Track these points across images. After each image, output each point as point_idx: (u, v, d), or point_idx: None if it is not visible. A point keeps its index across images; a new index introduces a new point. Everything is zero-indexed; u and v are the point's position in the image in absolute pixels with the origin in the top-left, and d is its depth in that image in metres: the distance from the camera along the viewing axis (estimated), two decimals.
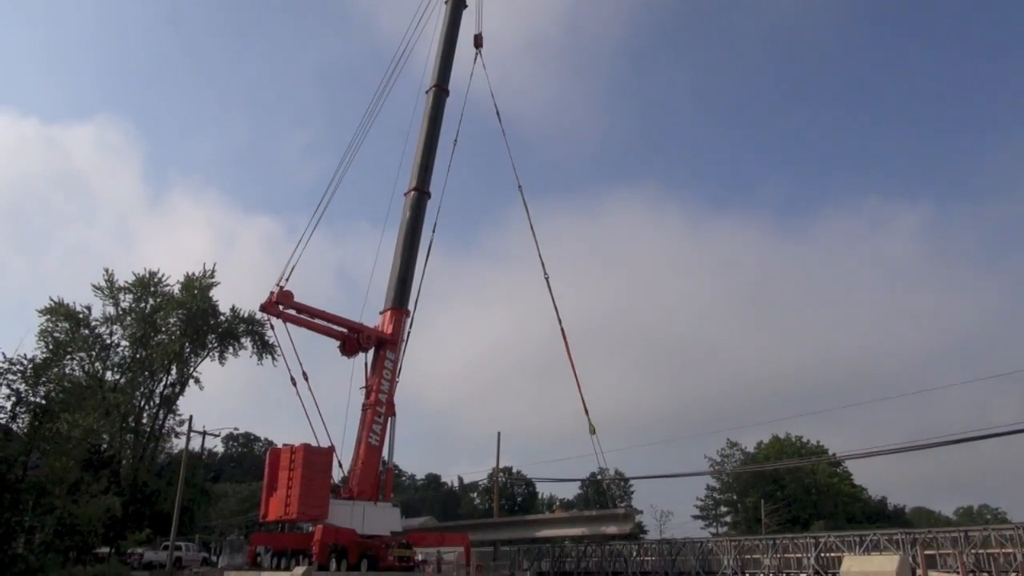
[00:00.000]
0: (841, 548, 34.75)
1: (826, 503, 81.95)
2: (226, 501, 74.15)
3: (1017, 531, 30.83)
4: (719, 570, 40.81)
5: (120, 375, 52.52)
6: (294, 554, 42.81)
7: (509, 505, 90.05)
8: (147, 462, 52.18)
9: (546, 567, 50.39)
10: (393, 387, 48.18)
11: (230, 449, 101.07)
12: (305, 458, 42.32)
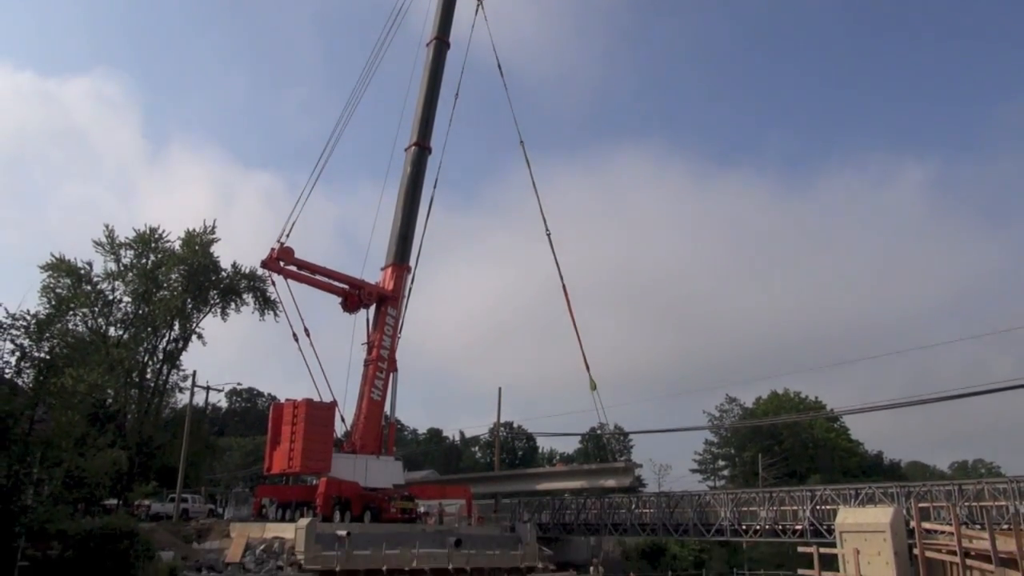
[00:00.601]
0: (837, 501, 35.30)
1: (823, 457, 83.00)
2: (231, 455, 75.14)
3: (1011, 484, 31.28)
4: (716, 522, 41.50)
5: (123, 331, 52.72)
6: (298, 506, 43.58)
7: (510, 459, 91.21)
8: (152, 417, 52.69)
9: (546, 519, 51.28)
10: (395, 343, 48.49)
11: (233, 404, 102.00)
12: (307, 413, 42.87)
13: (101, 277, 52.12)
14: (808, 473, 74.85)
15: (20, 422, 27.02)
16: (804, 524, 36.63)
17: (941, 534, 20.54)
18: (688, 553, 55.21)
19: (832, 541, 23.86)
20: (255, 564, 36.36)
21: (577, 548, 51.90)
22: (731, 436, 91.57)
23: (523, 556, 42.56)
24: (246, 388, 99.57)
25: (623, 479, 50.00)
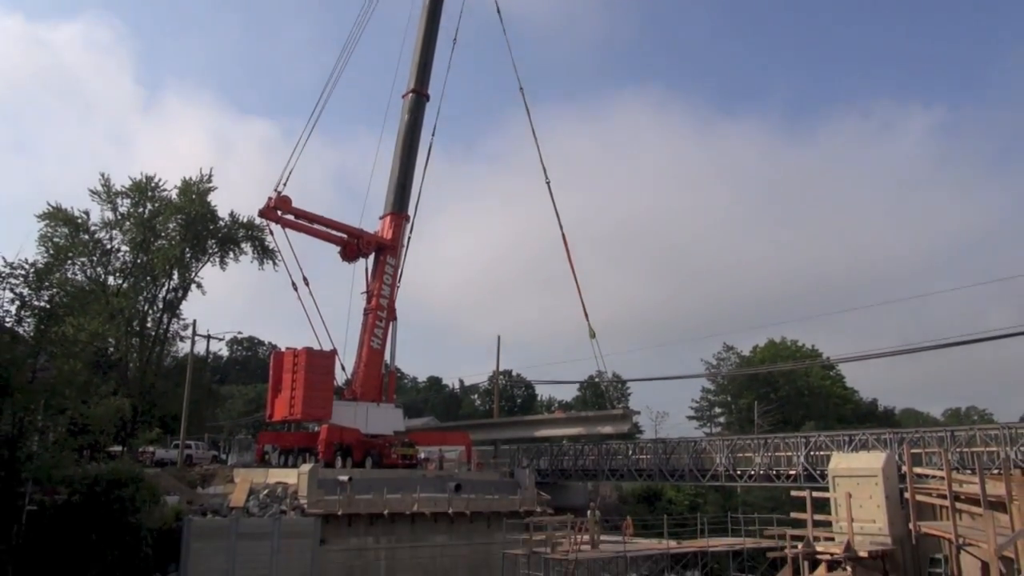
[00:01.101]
0: (830, 447, 35.82)
1: (818, 405, 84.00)
2: (233, 402, 75.95)
3: (1002, 431, 31.73)
4: (711, 468, 42.17)
5: (122, 280, 52.76)
6: (300, 452, 44.23)
7: (509, 407, 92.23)
8: (153, 365, 53.09)
9: (545, 465, 52.09)
10: (394, 292, 48.63)
11: (235, 353, 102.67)
12: (308, 361, 43.25)
13: (98, 226, 51.95)
14: (803, 420, 75.80)
15: (22, 370, 27.23)
16: (798, 469, 37.23)
17: (932, 478, 20.92)
18: (684, 498, 56.29)
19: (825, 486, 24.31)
20: (259, 508, 37.07)
21: (575, 493, 52.86)
22: (728, 384, 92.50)
23: (522, 501, 43.38)
24: (247, 337, 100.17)
25: (621, 425, 50.66)
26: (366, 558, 37.68)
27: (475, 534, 41.29)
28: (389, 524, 38.44)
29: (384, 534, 38.45)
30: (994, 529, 13.29)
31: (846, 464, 22.05)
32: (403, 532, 39.05)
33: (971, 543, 17.55)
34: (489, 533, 41.02)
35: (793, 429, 60.20)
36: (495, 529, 39.94)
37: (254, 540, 34.54)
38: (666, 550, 29.66)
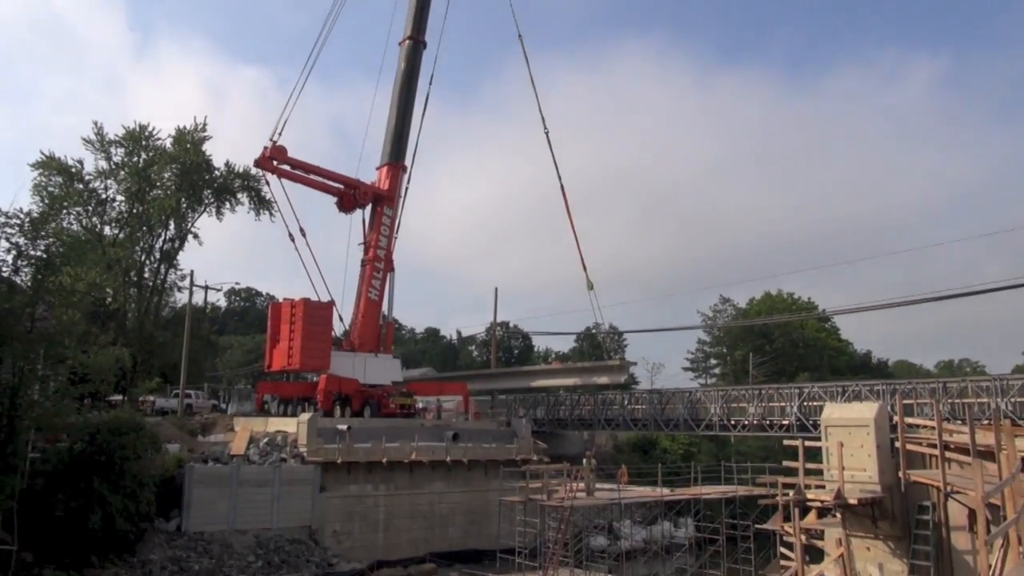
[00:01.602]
0: (823, 398, 36.29)
1: (812, 357, 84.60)
2: (232, 353, 76.38)
3: (994, 382, 32.13)
4: (706, 418, 42.73)
5: (118, 230, 52.57)
6: (299, 402, 44.70)
7: (506, 358, 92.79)
8: (152, 315, 53.23)
9: (541, 414, 52.72)
10: (391, 243, 48.56)
11: (233, 303, 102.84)
12: (305, 312, 43.41)
13: (93, 176, 51.54)
14: (797, 372, 76.43)
15: (21, 320, 27.29)
16: (791, 419, 37.77)
17: (923, 428, 21.22)
18: (678, 447, 57.11)
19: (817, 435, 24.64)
20: (259, 456, 37.59)
21: (571, 442, 53.63)
22: (723, 336, 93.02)
23: (518, 449, 44.02)
24: (245, 288, 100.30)
25: (617, 376, 51.13)
26: (365, 504, 38.39)
27: (472, 482, 42.03)
28: (388, 472, 39.07)
29: (383, 481, 39.11)
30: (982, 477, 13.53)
31: (839, 414, 22.32)
32: (401, 480, 39.72)
33: (959, 491, 17.87)
34: (486, 481, 41.75)
35: (787, 380, 60.74)
36: (492, 477, 40.62)
37: (255, 487, 35.16)
38: (660, 498, 30.23)
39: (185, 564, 31.01)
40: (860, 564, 21.46)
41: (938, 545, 19.60)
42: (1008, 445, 15.21)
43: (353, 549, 36.80)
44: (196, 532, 33.08)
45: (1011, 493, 13.35)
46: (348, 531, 37.40)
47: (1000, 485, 13.81)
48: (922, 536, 19.83)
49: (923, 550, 19.73)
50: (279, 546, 34.08)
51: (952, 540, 19.54)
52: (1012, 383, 32.67)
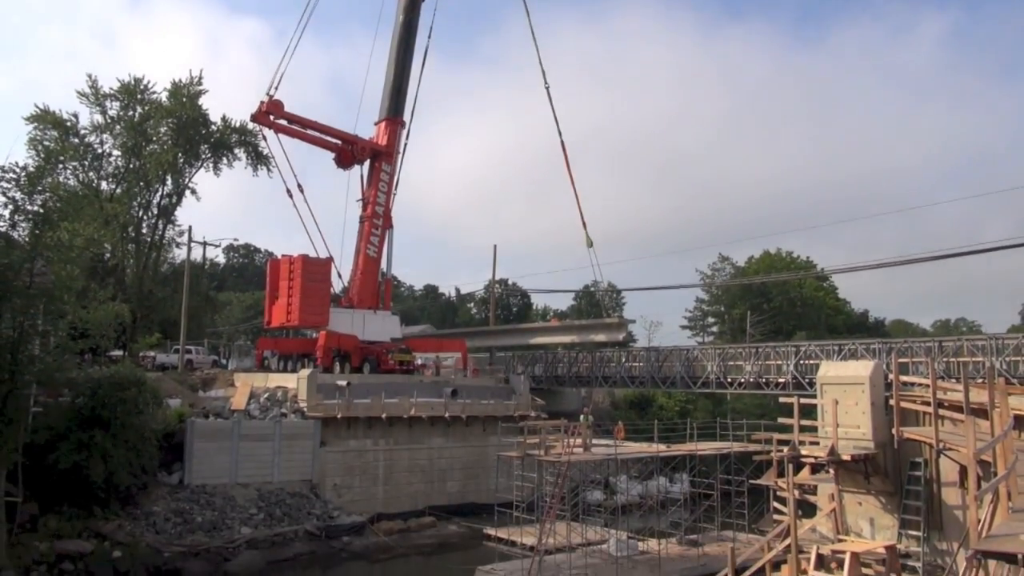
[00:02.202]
0: (820, 356, 36.55)
1: (810, 316, 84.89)
2: (231, 309, 76.55)
3: (989, 341, 32.35)
4: (703, 375, 43.06)
5: (115, 185, 52.26)
6: (299, 358, 45.00)
7: (504, 315, 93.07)
8: (151, 271, 53.22)
9: (539, 372, 53.11)
10: (389, 199, 48.37)
11: (231, 260, 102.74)
12: (304, 268, 43.43)
13: (88, 130, 51.07)
14: (794, 330, 76.76)
15: (20, 275, 27.30)
16: (787, 378, 38.09)
17: (917, 386, 21.43)
18: (674, 404, 57.71)
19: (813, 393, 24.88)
20: (260, 411, 37.95)
21: (568, 399, 54.13)
22: (721, 294, 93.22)
23: (516, 406, 44.44)
24: (243, 244, 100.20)
25: (616, 334, 51.42)
26: (365, 459, 38.89)
27: (471, 437, 42.53)
28: (387, 427, 39.50)
29: (382, 436, 39.56)
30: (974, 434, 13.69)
31: (835, 372, 22.51)
32: (401, 435, 40.18)
33: (951, 447, 18.13)
34: (484, 436, 42.24)
35: (784, 339, 61.13)
36: (490, 433, 41.07)
37: (256, 441, 35.58)
38: (656, 453, 30.56)
39: (188, 516, 31.54)
40: (852, 519, 21.87)
41: (928, 500, 19.95)
42: (1001, 403, 15.37)
43: (353, 502, 37.40)
44: (198, 485, 33.58)
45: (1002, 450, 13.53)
46: (348, 485, 37.96)
47: (992, 442, 13.99)
48: (913, 491, 20.17)
49: (914, 505, 20.08)
50: (280, 499, 34.62)
51: (943, 496, 19.89)
52: (1007, 342, 32.91)
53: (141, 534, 29.56)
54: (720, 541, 31.28)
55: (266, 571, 30.31)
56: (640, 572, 27.78)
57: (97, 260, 48.75)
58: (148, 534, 29.75)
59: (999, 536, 9.56)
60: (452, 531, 37.49)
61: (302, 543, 32.72)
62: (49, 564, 26.58)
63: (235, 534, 31.46)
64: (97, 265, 49.74)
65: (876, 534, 20.86)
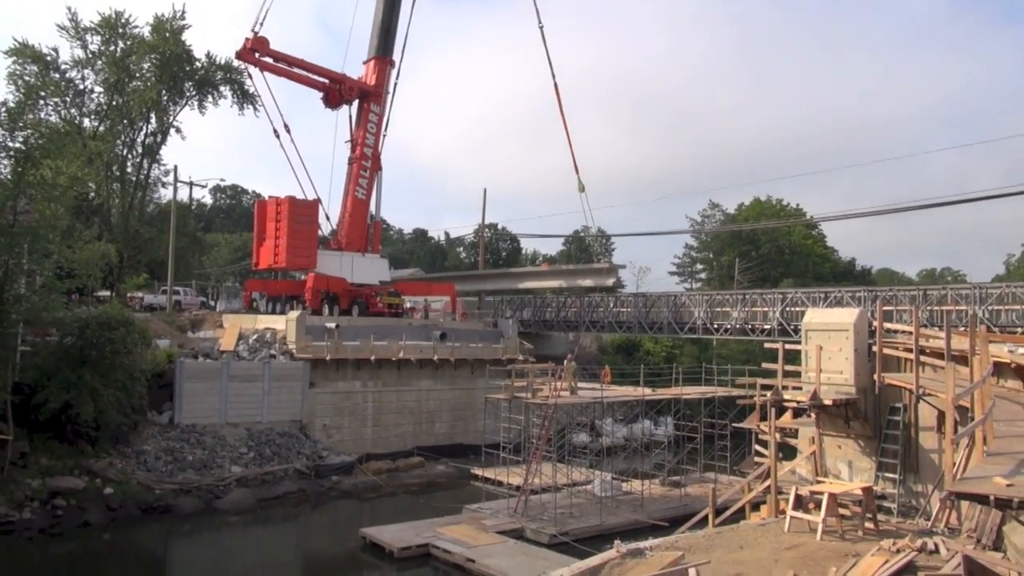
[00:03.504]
0: (806, 303, 36.85)
1: (798, 263, 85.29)
2: (219, 250, 76.11)
3: (973, 290, 32.67)
4: (690, 321, 43.39)
5: (98, 123, 51.31)
6: (288, 300, 44.99)
7: (494, 259, 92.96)
8: (136, 211, 52.69)
9: (527, 316, 53.37)
10: (378, 140, 47.75)
11: (218, 201, 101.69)
12: (290, 210, 43.07)
13: (69, 65, 49.86)
14: (782, 278, 77.20)
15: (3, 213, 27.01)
16: (773, 324, 38.44)
17: (900, 333, 21.68)
18: (661, 349, 58.27)
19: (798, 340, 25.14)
20: (249, 352, 38.09)
21: (556, 343, 54.60)
22: (711, 241, 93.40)
23: (504, 349, 44.79)
24: (230, 185, 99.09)
25: (606, 279, 51.66)
26: (354, 400, 39.27)
27: (459, 380, 42.95)
28: (376, 369, 39.79)
29: (371, 379, 39.89)
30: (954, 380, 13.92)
31: (820, 319, 22.70)
32: (389, 377, 40.51)
33: (930, 393, 18.45)
34: (472, 379, 42.67)
35: (772, 286, 61.54)
36: (478, 376, 41.47)
37: (245, 382, 35.80)
38: (641, 397, 31.02)
39: (179, 454, 31.89)
40: (831, 461, 22.34)
41: (906, 444, 20.37)
42: (982, 350, 15.59)
43: (342, 442, 37.89)
44: (188, 425, 33.87)
45: (980, 395, 13.78)
46: (337, 425, 38.41)
47: (970, 387, 14.23)
48: (892, 435, 20.58)
49: (891, 448, 20.51)
50: (270, 439, 35.02)
51: (920, 440, 20.30)
52: (991, 291, 33.27)
53: (132, 472, 29.91)
54: (702, 482, 32.07)
55: (256, 508, 30.85)
56: (623, 512, 28.47)
57: (81, 199, 48.21)
58: (139, 472, 30.11)
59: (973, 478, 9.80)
60: (440, 471, 38.15)
61: (291, 481, 33.24)
62: (41, 501, 26.93)
63: (225, 472, 31.90)
64: (82, 204, 49.23)
65: (854, 476, 21.35)
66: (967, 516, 14.37)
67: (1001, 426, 12.67)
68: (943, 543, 12.73)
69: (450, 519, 27.52)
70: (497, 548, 23.86)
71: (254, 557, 27.35)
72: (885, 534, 15.43)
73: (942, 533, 14.75)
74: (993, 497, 8.57)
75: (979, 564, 9.41)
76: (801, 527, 16.25)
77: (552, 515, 27.13)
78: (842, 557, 13.35)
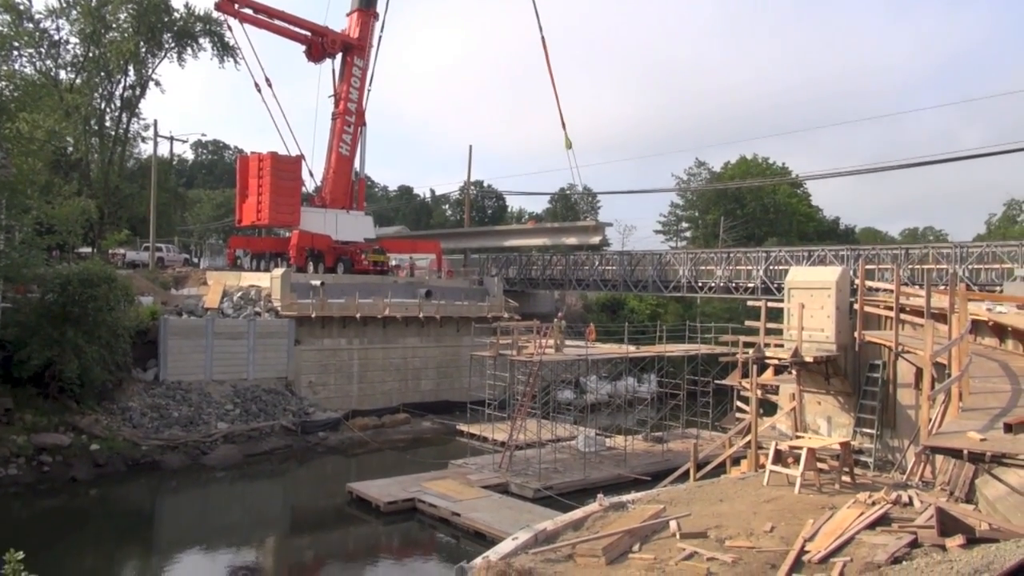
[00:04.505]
0: (790, 262, 37.10)
1: (782, 222, 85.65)
2: (201, 206, 75.27)
3: (954, 249, 32.99)
4: (674, 280, 43.61)
5: (75, 75, 50.17)
6: (272, 257, 44.76)
7: (479, 217, 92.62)
8: (116, 166, 51.86)
9: (513, 274, 53.43)
10: (362, 95, 47.12)
11: (200, 156, 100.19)
12: (273, 166, 42.63)
13: (43, 14, 48.55)
14: (766, 237, 77.54)
15: None
16: (756, 283, 38.74)
17: (882, 292, 21.93)
18: (645, 307, 58.61)
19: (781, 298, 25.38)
20: (233, 310, 37.98)
21: (542, 301, 54.80)
22: (696, 199, 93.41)
23: (490, 307, 44.91)
24: (212, 140, 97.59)
25: (592, 237, 51.65)
26: (339, 358, 39.38)
27: (444, 338, 43.11)
28: (361, 327, 39.84)
29: (356, 336, 39.96)
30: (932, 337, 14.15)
31: (802, 277, 22.90)
32: (375, 334, 40.59)
33: (909, 350, 18.73)
34: (458, 337, 42.85)
35: (756, 245, 61.80)
36: (464, 334, 41.66)
37: (230, 339, 35.77)
38: (625, 355, 31.30)
39: (164, 411, 31.96)
40: (810, 417, 22.76)
41: (884, 400, 20.77)
42: (961, 308, 15.81)
43: (328, 399, 38.10)
44: (174, 381, 33.89)
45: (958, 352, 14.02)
46: (323, 382, 38.57)
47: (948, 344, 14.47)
48: (870, 392, 20.96)
49: (870, 404, 20.91)
50: (256, 395, 35.13)
51: (898, 396, 20.69)
52: (971, 250, 33.59)
53: (118, 428, 29.99)
54: (684, 438, 32.61)
55: (243, 464, 31.10)
56: (606, 467, 28.95)
57: (60, 154, 47.37)
58: (125, 428, 30.18)
59: (947, 433, 10.03)
60: (426, 427, 38.53)
61: (278, 437, 33.48)
62: (27, 457, 26.99)
63: (211, 429, 32.04)
64: (60, 159, 48.37)
65: (832, 432, 21.77)
66: (941, 470, 14.73)
67: (977, 382, 12.91)
68: (917, 496, 13.07)
69: (435, 474, 27.88)
70: (482, 502, 24.25)
71: (241, 512, 27.66)
72: (861, 487, 15.80)
73: (916, 486, 15.13)
74: (967, 451, 8.78)
75: (951, 516, 9.68)
76: (780, 481, 16.60)
77: (536, 470, 27.55)
78: (819, 510, 13.68)
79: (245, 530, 25.25)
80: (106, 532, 24.45)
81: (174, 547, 23.16)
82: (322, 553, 23.26)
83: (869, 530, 11.54)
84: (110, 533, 24.37)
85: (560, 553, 12.46)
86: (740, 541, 12.17)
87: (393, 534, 24.46)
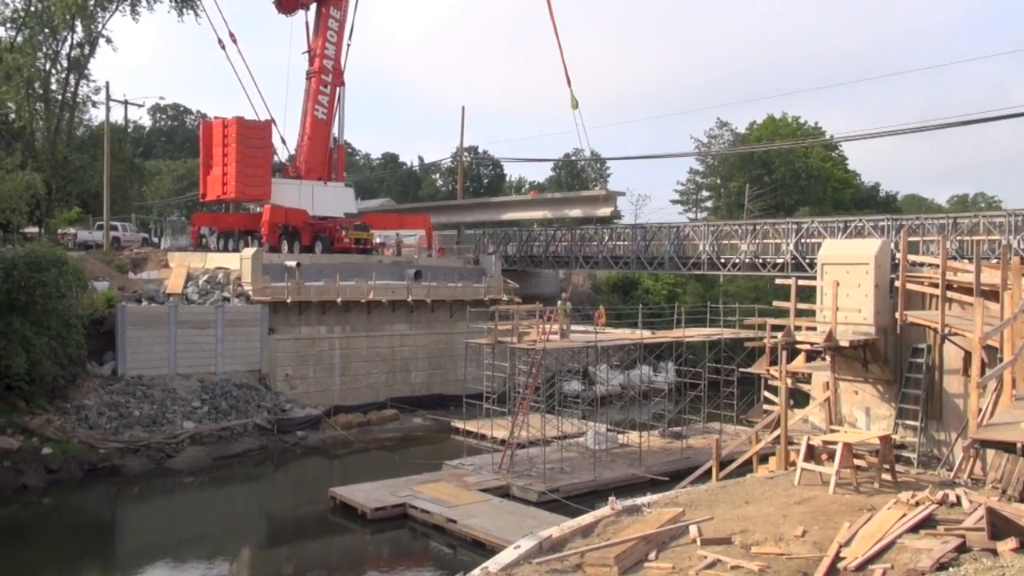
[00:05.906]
0: (824, 234, 36.99)
1: (815, 189, 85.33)
2: (161, 179, 75.11)
3: (1008, 218, 32.87)
4: (694, 256, 43.53)
5: (15, 32, 49.90)
6: (242, 235, 44.77)
7: (474, 187, 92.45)
8: (64, 135, 51.71)
9: (512, 251, 53.35)
10: (340, 51, 46.85)
11: (158, 122, 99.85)
12: (239, 132, 42.43)
13: None
14: (797, 206, 77.32)
15: None
16: (786, 258, 38.64)
17: (927, 267, 21.89)
18: (662, 287, 58.66)
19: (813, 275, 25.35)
20: (199, 295, 38.00)
21: (545, 281, 54.79)
22: (718, 165, 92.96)
23: (487, 289, 44.91)
24: (171, 104, 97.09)
25: (602, 207, 51.42)
26: (319, 347, 39.46)
27: (436, 324, 43.16)
28: (343, 313, 39.87)
29: (338, 323, 40.01)
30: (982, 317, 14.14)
31: (837, 251, 22.87)
32: (359, 321, 40.63)
33: (957, 332, 18.73)
34: (452, 323, 42.90)
35: (786, 215, 61.68)
36: (458, 319, 41.68)
37: (196, 329, 35.82)
38: (639, 341, 31.30)
39: (124, 410, 32.05)
40: (846, 408, 22.81)
41: (929, 389, 20.78)
42: (1014, 284, 15.79)
43: (308, 394, 38.22)
44: (134, 376, 33.97)
45: (1011, 334, 14.02)
46: (301, 375, 38.67)
47: (1000, 326, 14.45)
48: (913, 379, 20.98)
49: (913, 394, 20.94)
50: (226, 391, 35.24)
51: (944, 384, 20.72)
52: None
53: (72, 429, 30.09)
54: (706, 434, 32.74)
55: (213, 468, 31.25)
56: (619, 466, 29.08)
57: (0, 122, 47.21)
58: (80, 429, 30.29)
59: (999, 424, 10.06)
60: (416, 424, 38.69)
61: (252, 438, 33.62)
62: None
63: (177, 429, 32.17)
64: (1, 128, 48.21)
65: (871, 424, 21.84)
66: (992, 466, 14.79)
67: None
68: (966, 495, 13.13)
69: (428, 477, 28.02)
70: (480, 507, 24.37)
71: (213, 521, 27.83)
72: (903, 486, 15.88)
73: (965, 484, 15.20)
74: (1020, 444, 8.81)
75: (1003, 516, 9.71)
76: (813, 480, 16.68)
77: (541, 471, 27.67)
78: (856, 511, 13.75)
79: (216, 541, 25.40)
80: (61, 546, 24.57)
81: (137, 561, 23.31)
82: (302, 566, 23.42)
83: (912, 533, 11.61)
84: (66, 547, 24.50)
85: (568, 563, 12.54)
86: (768, 547, 12.25)
87: (381, 544, 24.63)
